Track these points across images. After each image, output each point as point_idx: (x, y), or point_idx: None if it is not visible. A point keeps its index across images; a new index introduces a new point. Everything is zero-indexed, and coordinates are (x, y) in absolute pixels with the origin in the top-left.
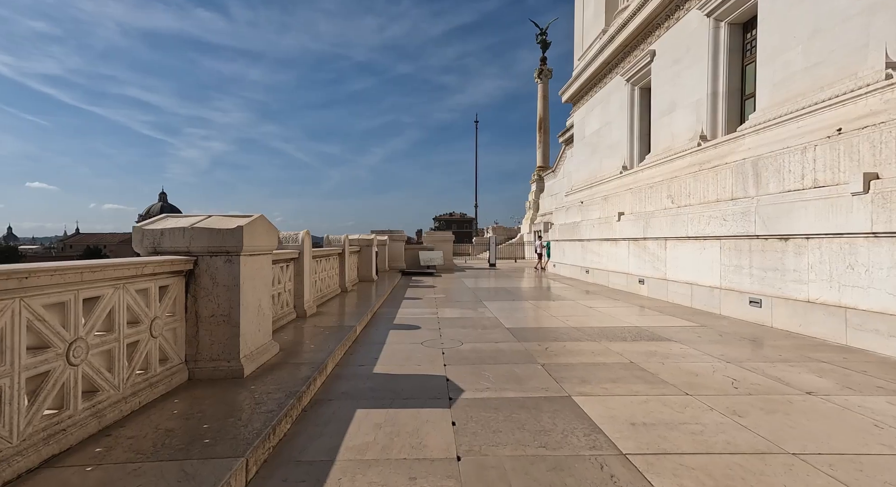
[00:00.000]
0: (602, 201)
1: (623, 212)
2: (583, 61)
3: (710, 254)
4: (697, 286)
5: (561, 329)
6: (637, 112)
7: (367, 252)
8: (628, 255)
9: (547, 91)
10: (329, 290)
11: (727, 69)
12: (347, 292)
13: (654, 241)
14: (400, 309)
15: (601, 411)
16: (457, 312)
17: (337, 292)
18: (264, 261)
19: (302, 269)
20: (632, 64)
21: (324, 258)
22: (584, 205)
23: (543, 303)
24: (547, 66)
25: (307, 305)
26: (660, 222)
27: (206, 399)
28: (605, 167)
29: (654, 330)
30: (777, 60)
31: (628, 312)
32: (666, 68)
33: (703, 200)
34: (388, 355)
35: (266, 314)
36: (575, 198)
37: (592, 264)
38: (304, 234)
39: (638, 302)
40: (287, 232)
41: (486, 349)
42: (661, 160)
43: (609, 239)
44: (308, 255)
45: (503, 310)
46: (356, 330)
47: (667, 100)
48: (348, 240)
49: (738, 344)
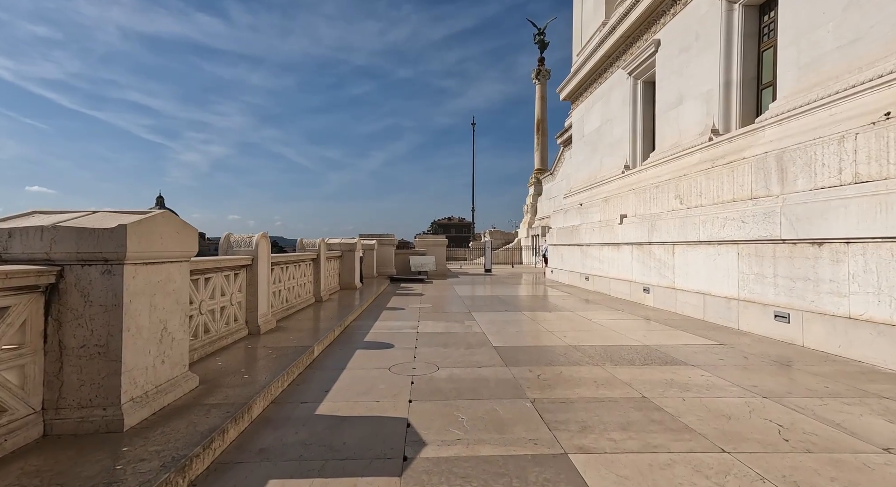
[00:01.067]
0: (603, 202)
1: (625, 214)
2: (582, 56)
3: (725, 261)
4: (711, 297)
5: (557, 349)
6: (640, 107)
7: (350, 257)
8: (632, 261)
9: (545, 92)
10: (299, 300)
11: (742, 56)
12: (322, 302)
13: (661, 246)
14: (377, 322)
15: (611, 483)
16: (441, 326)
17: (310, 301)
18: (174, 271)
19: (256, 278)
20: (634, 56)
21: (292, 265)
22: (583, 207)
23: (539, 315)
24: (545, 66)
25: (263, 320)
26: (667, 224)
27: (41, 473)
28: (605, 167)
29: (666, 350)
30: (802, 41)
31: (633, 326)
32: (672, 58)
33: (716, 200)
34: (343, 386)
35: (178, 340)
36: (574, 200)
37: (593, 270)
38: (260, 237)
39: (643, 314)
40: (240, 235)
41: (466, 378)
42: (668, 158)
43: (610, 244)
44: (265, 261)
45: (493, 323)
46: (314, 352)
47: (673, 92)
48: (327, 244)
49: (770, 370)
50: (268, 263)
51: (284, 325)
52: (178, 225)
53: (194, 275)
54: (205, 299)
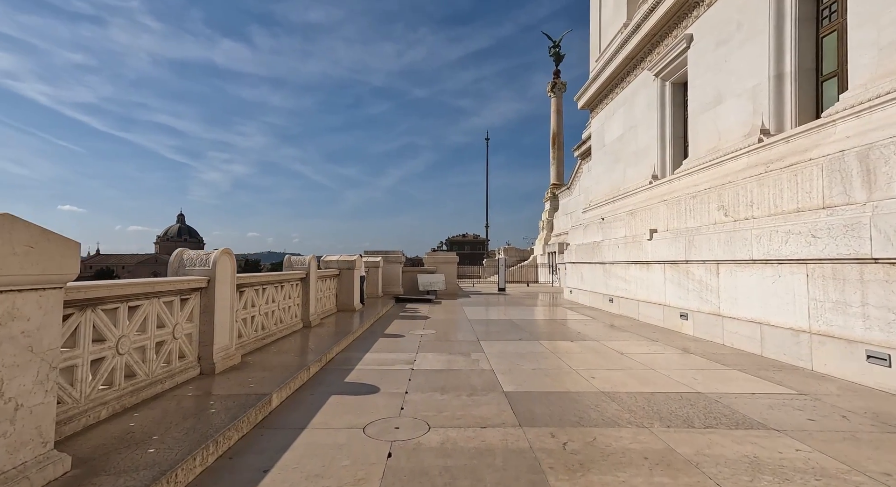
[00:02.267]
0: (628, 216)
1: (655, 229)
2: (601, 60)
3: (790, 284)
4: (771, 328)
5: (586, 397)
6: (669, 111)
7: (349, 276)
8: (664, 282)
9: (560, 105)
10: (281, 327)
11: (796, 43)
12: (312, 328)
13: (701, 265)
14: (368, 354)
15: None
16: (442, 360)
17: (296, 328)
18: (27, 304)
19: (213, 304)
20: (662, 55)
21: (271, 287)
22: (605, 222)
23: (559, 345)
24: (560, 79)
25: (222, 355)
26: (708, 240)
27: None
28: (629, 178)
29: (730, 402)
30: (884, 17)
31: (675, 362)
32: (708, 53)
33: (773, 210)
34: (291, 461)
35: (31, 408)
36: (594, 214)
37: (617, 291)
38: (220, 254)
39: (682, 344)
40: (197, 252)
41: (465, 447)
42: (706, 164)
43: (638, 262)
44: (227, 283)
45: (505, 357)
46: (271, 401)
47: (710, 91)
48: (324, 262)
49: (894, 443)
50: (231, 285)
51: (252, 360)
52: (33, 235)
53: (111, 303)
54: (127, 335)
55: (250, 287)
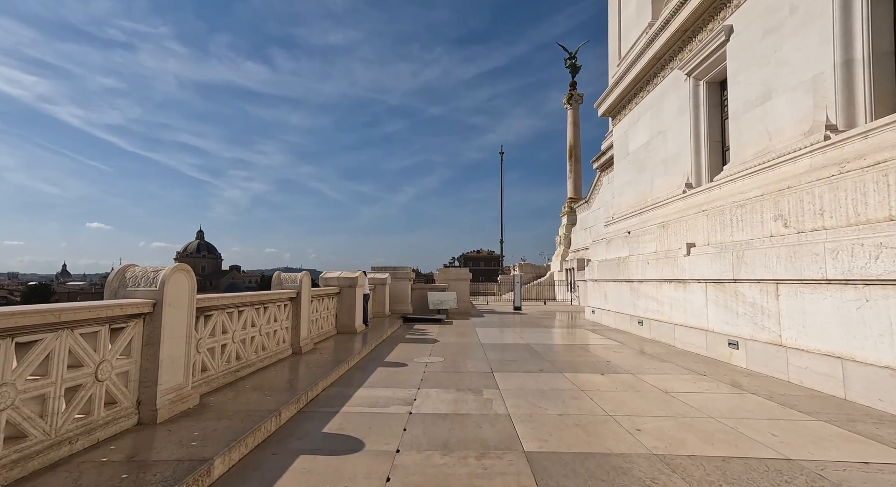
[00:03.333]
0: (658, 229)
1: (693, 243)
2: (624, 64)
3: (882, 310)
4: (857, 365)
5: (635, 464)
6: (704, 113)
7: (349, 295)
8: (706, 303)
9: (577, 117)
10: (260, 356)
11: (869, 24)
12: (301, 356)
13: (755, 285)
14: (360, 390)
15: None
16: (448, 399)
17: (283, 355)
18: None
19: (159, 334)
20: (695, 52)
21: (251, 309)
22: (631, 236)
23: (588, 380)
24: (577, 91)
25: (171, 397)
26: (763, 255)
27: None
28: (658, 187)
29: (840, 479)
30: None
31: (739, 406)
32: (752, 45)
33: (854, 219)
34: None
35: None
36: (618, 228)
37: (648, 313)
38: (173, 271)
39: (735, 379)
40: (144, 267)
41: None
42: (754, 169)
43: (673, 280)
44: (183, 307)
45: (523, 396)
46: (212, 469)
47: (756, 87)
48: (322, 279)
49: None
50: (188, 309)
51: (214, 401)
52: None
53: None
54: (11, 383)
55: (220, 311)
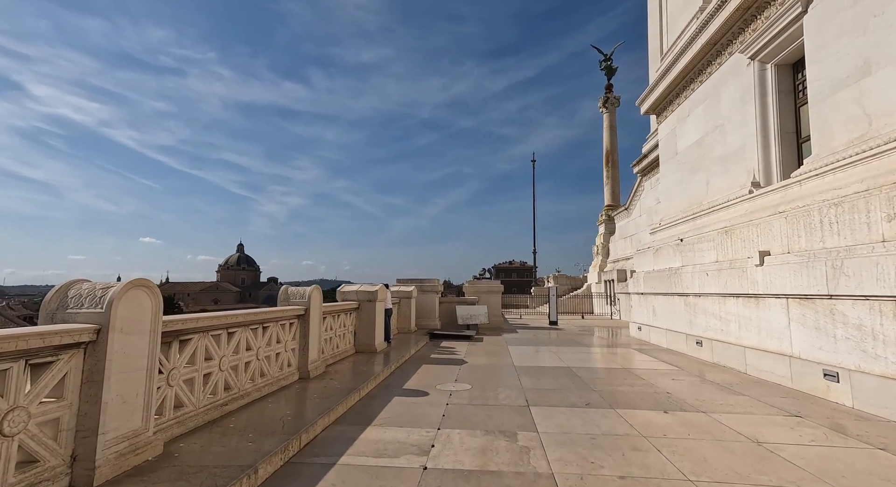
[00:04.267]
0: (719, 235)
1: (768, 251)
2: (669, 56)
3: None
4: None
5: None
6: (774, 100)
7: (369, 311)
8: (788, 323)
9: (614, 121)
10: (258, 384)
11: None
12: (309, 381)
13: (860, 302)
14: (367, 430)
15: None
16: (473, 448)
17: (287, 381)
18: None
19: (102, 368)
20: (759, 32)
21: (242, 330)
22: (685, 244)
23: (649, 421)
24: (613, 93)
25: (119, 449)
26: (873, 265)
27: None
28: (715, 189)
29: None
30: None
31: (869, 468)
32: (842, 12)
33: None
34: None
35: None
36: (668, 235)
37: (709, 332)
38: (125, 289)
39: (843, 424)
40: (92, 284)
41: None
42: (851, 159)
43: (740, 294)
44: (144, 333)
45: (570, 446)
46: None
47: (847, 62)
48: (340, 293)
49: None
50: (151, 334)
51: (182, 448)
52: None
53: None
54: None
55: (202, 334)
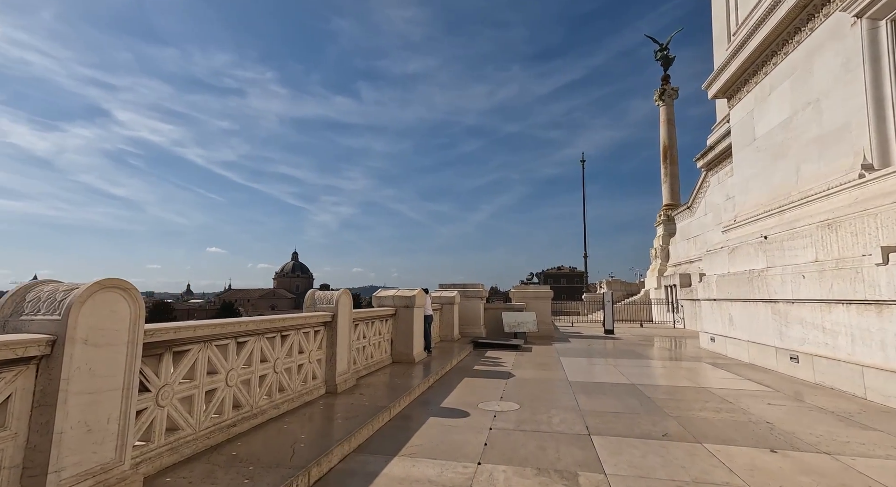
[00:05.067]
0: (820, 230)
1: (893, 246)
2: (743, 29)
3: None
4: None
5: None
6: (892, 63)
7: (406, 317)
8: None
9: (672, 114)
10: (273, 401)
11: None
12: (337, 395)
13: None
14: (390, 465)
15: None
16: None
17: (312, 395)
18: None
19: (56, 391)
20: None
21: (256, 339)
22: (769, 242)
23: (754, 463)
24: (670, 85)
25: None
26: None
27: None
28: (807, 176)
29: None
30: None
31: None
32: None
33: None
34: None
35: None
36: (746, 233)
37: (807, 345)
38: (83, 294)
39: None
40: (55, 285)
41: None
42: None
43: (854, 301)
44: (122, 347)
45: None
46: None
47: None
48: (375, 298)
49: None
50: (130, 346)
51: (166, 484)
52: None
53: None
54: None
55: (204, 345)
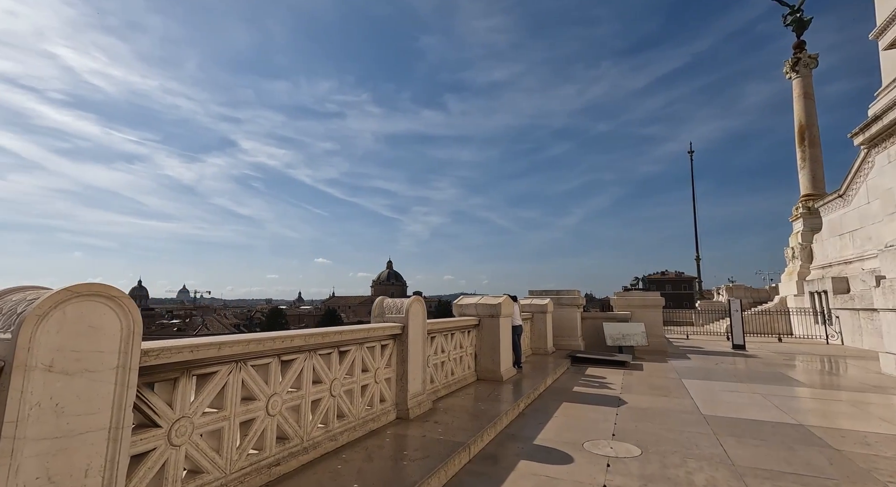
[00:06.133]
0: None
1: None
2: None
3: None
4: None
5: None
6: None
7: (492, 328)
8: None
9: (810, 87)
10: (330, 432)
11: None
12: (410, 422)
13: None
14: None
15: None
16: None
17: (380, 422)
18: None
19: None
20: None
21: (309, 357)
22: None
23: None
24: (806, 52)
25: None
26: None
27: None
28: None
29: None
30: None
31: None
32: None
33: None
34: None
35: None
36: None
37: None
38: (41, 310)
39: None
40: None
41: None
42: None
43: None
44: (109, 372)
45: None
46: None
47: None
48: (456, 307)
49: None
50: (119, 371)
51: None
52: None
53: None
54: None
55: (237, 365)
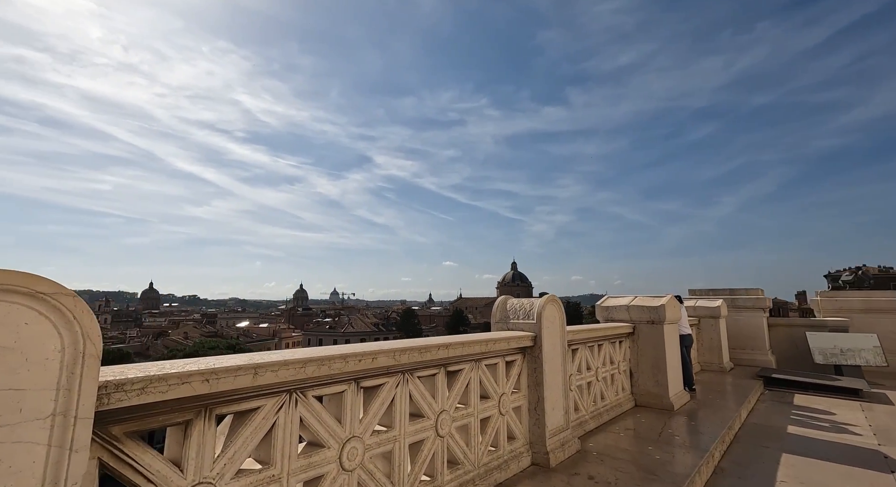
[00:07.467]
0: None
1: None
2: None
3: None
4: None
5: None
6: None
7: (653, 337)
8: None
9: None
10: (446, 483)
11: None
12: (549, 473)
13: None
14: None
15: None
16: None
17: (511, 468)
18: None
19: None
20: None
21: (400, 381)
22: None
23: None
24: None
25: None
26: None
27: None
28: None
29: None
30: None
31: None
32: None
33: None
34: None
35: None
36: None
37: None
38: None
39: None
40: None
41: None
42: None
43: None
44: None
45: None
46: None
47: None
48: (600, 309)
49: None
50: (60, 417)
51: None
52: None
53: None
54: None
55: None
